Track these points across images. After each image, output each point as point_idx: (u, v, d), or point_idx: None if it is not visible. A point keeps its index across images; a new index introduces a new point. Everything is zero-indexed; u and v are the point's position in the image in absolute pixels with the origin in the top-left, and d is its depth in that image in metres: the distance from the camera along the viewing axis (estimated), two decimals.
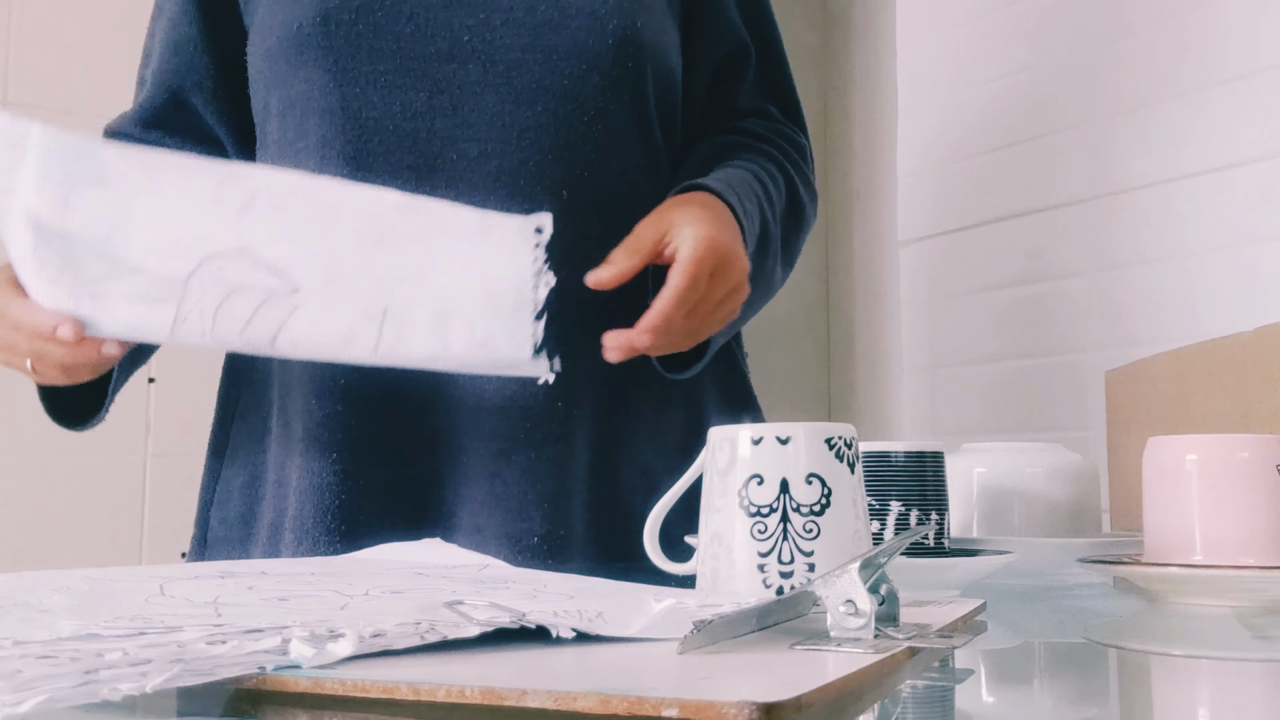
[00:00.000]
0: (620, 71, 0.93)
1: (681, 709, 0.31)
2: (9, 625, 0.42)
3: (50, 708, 0.31)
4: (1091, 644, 0.57)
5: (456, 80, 0.91)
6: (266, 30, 0.94)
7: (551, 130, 0.91)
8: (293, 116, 0.94)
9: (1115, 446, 1.17)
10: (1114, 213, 1.51)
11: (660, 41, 0.97)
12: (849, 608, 0.43)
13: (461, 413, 0.90)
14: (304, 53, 0.92)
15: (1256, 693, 0.46)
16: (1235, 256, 1.37)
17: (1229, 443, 0.65)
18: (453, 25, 0.91)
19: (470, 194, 0.89)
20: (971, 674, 0.47)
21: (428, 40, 0.91)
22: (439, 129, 0.91)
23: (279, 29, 0.93)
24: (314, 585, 0.54)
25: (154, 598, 0.49)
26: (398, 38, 0.91)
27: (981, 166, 1.72)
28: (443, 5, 0.91)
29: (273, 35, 0.94)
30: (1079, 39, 1.58)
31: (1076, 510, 0.85)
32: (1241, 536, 0.62)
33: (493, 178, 0.90)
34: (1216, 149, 1.39)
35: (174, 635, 0.39)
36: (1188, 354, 1.06)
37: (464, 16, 0.91)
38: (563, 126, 0.91)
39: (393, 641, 0.39)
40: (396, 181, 0.89)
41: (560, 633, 0.41)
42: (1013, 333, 1.66)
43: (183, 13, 1.00)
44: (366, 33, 0.91)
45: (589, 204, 0.91)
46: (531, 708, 0.33)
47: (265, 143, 0.97)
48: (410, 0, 0.91)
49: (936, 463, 0.70)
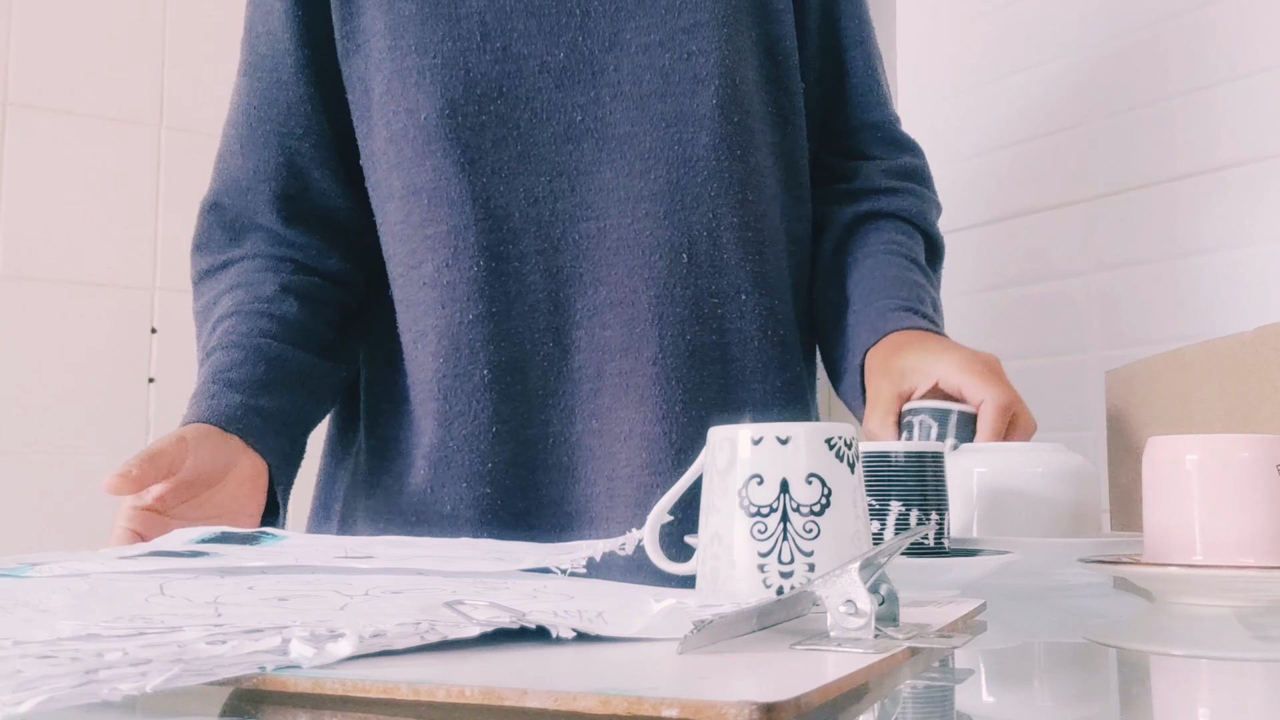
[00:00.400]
0: (728, 128, 0.95)
1: (681, 709, 0.31)
2: (9, 625, 0.42)
3: (50, 708, 0.31)
4: (1091, 644, 0.57)
5: (573, 160, 0.94)
6: (390, 114, 0.96)
7: (666, 197, 0.94)
8: (419, 203, 0.96)
9: (1115, 446, 1.17)
10: (1114, 213, 1.51)
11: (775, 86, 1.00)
12: (849, 608, 0.43)
13: (599, 483, 0.94)
14: (430, 142, 0.94)
15: (1256, 693, 0.46)
16: (1235, 256, 1.37)
17: (1229, 443, 0.65)
18: (566, 106, 0.94)
19: (595, 270, 0.94)
20: (971, 674, 0.47)
21: (544, 124, 0.95)
22: (560, 210, 0.94)
23: (404, 115, 0.95)
24: (313, 585, 0.54)
25: (154, 597, 0.49)
26: (518, 124, 0.94)
27: (981, 166, 1.72)
28: (556, 87, 0.94)
29: (397, 121, 0.96)
30: (1079, 39, 1.58)
31: (1076, 510, 0.85)
32: (1241, 536, 0.62)
33: (613, 251, 0.94)
34: (1216, 149, 1.39)
35: (174, 635, 0.39)
36: (1188, 354, 1.06)
37: (576, 96, 0.94)
38: (676, 191, 0.94)
39: (393, 641, 0.39)
40: (528, 266, 0.94)
41: (560, 633, 0.41)
42: (1013, 333, 1.66)
43: (294, 73, 1.00)
44: (490, 122, 0.94)
45: (709, 263, 0.95)
46: (531, 708, 0.33)
47: (387, 224, 0.99)
48: (527, 85, 0.94)
49: (936, 463, 0.70)
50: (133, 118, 1.65)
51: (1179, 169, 1.43)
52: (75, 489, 1.56)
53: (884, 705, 0.39)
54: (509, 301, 0.94)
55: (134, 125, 1.65)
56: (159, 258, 1.65)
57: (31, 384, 1.55)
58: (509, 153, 0.94)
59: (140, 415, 1.61)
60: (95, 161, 1.62)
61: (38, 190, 1.58)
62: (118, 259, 1.62)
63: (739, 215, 0.96)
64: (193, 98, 1.70)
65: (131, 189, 1.64)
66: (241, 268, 1.00)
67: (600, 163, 0.94)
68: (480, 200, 0.94)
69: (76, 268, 1.59)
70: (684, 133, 0.94)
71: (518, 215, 0.94)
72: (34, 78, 1.59)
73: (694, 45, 0.94)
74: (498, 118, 0.94)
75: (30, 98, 1.58)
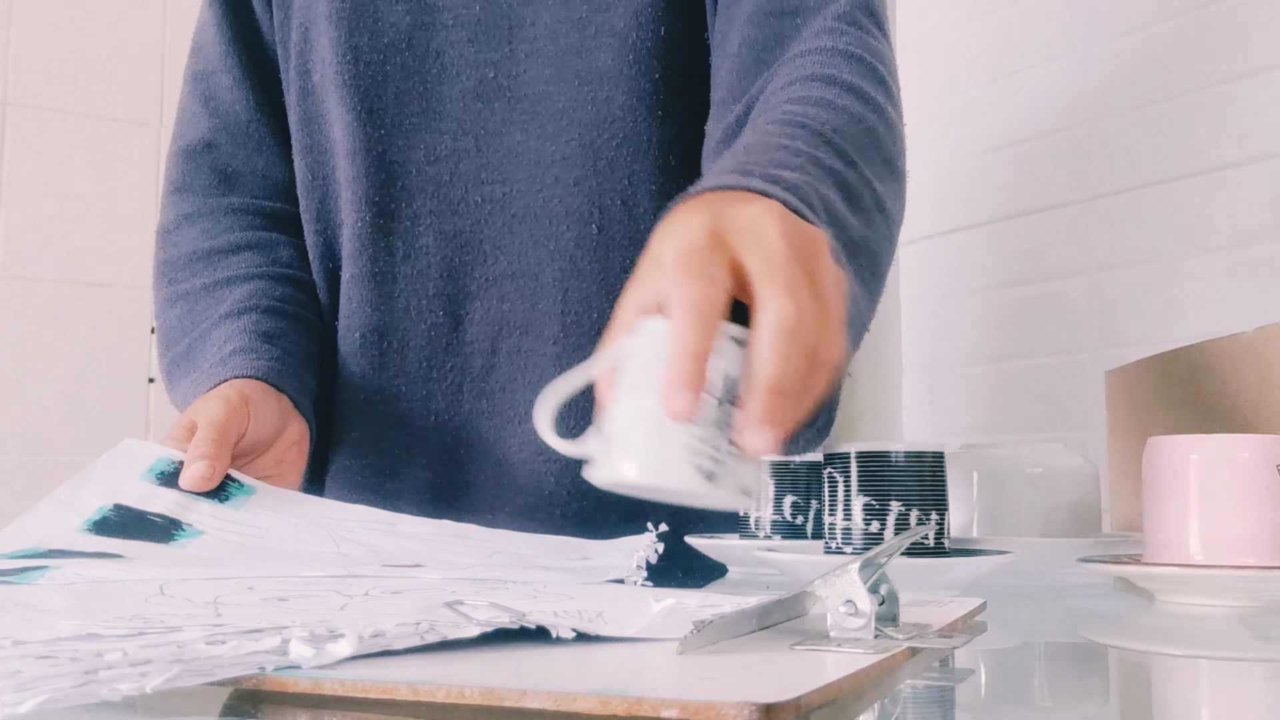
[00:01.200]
0: (645, 85, 0.87)
1: (681, 710, 0.31)
2: (9, 625, 0.42)
3: (50, 708, 0.31)
4: (1091, 644, 0.57)
5: (482, 120, 0.88)
6: (301, 67, 0.93)
7: (578, 162, 0.87)
8: (322, 156, 0.92)
9: (1115, 446, 1.17)
10: (1114, 213, 1.51)
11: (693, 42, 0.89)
12: (849, 608, 0.43)
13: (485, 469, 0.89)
14: (333, 91, 0.90)
15: (1256, 693, 0.46)
16: (1235, 256, 1.37)
17: (1229, 443, 0.65)
18: (479, 62, 0.88)
19: (497, 237, 0.87)
20: (971, 674, 0.47)
21: (454, 80, 0.89)
22: (462, 171, 0.88)
23: (315, 66, 0.91)
24: (312, 585, 0.54)
25: (154, 598, 0.50)
26: (425, 78, 0.89)
27: (981, 166, 1.72)
28: (469, 41, 0.88)
29: (307, 74, 0.92)
30: (1079, 39, 1.58)
31: (1076, 510, 0.85)
32: (1241, 536, 0.62)
33: (517, 219, 0.88)
34: (1217, 148, 1.39)
35: (174, 635, 0.39)
36: (1188, 354, 1.06)
37: (490, 52, 0.88)
38: (589, 155, 0.87)
39: (392, 642, 0.39)
40: (420, 226, 0.87)
41: (560, 633, 0.41)
42: (1013, 333, 1.66)
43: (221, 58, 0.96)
44: (395, 74, 0.89)
45: (623, 235, 0.87)
46: (531, 708, 0.33)
47: (300, 181, 0.95)
48: (439, 37, 0.89)
49: (936, 463, 0.70)
50: (133, 118, 1.65)
51: (1179, 169, 1.43)
52: None
53: (884, 705, 0.39)
54: (394, 262, 0.88)
55: (134, 125, 1.65)
56: None
57: (31, 384, 1.55)
58: (412, 107, 0.88)
59: (140, 415, 1.61)
60: (95, 161, 1.62)
61: (38, 190, 1.58)
62: (118, 259, 1.62)
63: (657, 184, 0.87)
64: None
65: (131, 189, 1.64)
66: (249, 222, 0.95)
67: (511, 123, 0.87)
68: (374, 153, 0.88)
69: (76, 268, 1.59)
70: (598, 91, 0.86)
71: (414, 172, 0.88)
72: (34, 78, 1.59)
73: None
74: (403, 69, 0.88)
75: (30, 98, 1.58)
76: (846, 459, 0.70)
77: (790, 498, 0.86)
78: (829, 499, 0.71)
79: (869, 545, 0.68)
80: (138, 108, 1.65)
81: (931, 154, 1.78)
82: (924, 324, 1.84)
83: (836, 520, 0.70)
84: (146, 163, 1.65)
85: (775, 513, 0.86)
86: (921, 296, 1.85)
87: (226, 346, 0.85)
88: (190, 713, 0.36)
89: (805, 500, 0.86)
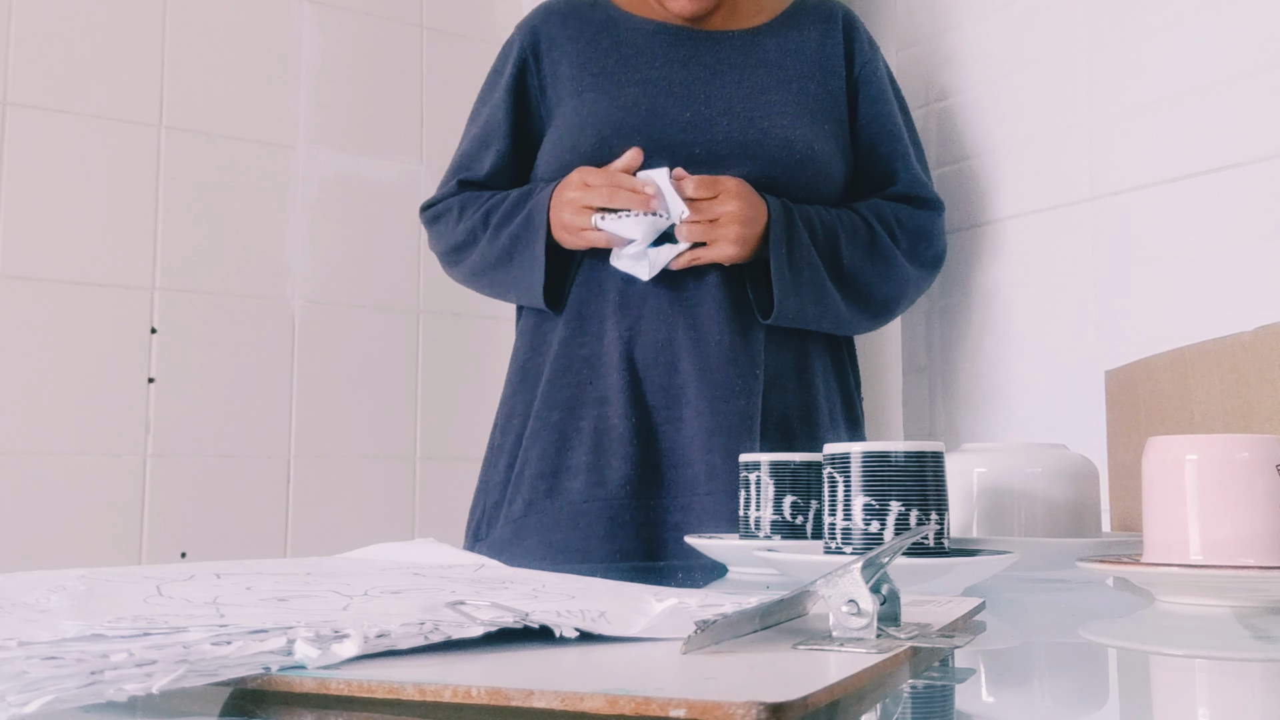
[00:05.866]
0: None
1: (689, 709, 0.31)
2: (12, 626, 0.42)
3: (56, 708, 0.31)
4: (1091, 644, 0.57)
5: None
6: (558, 147, 1.37)
7: None
8: None
9: (1115, 446, 1.17)
10: (1114, 213, 1.52)
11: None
12: (851, 607, 0.43)
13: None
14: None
15: (1256, 693, 0.46)
16: (1235, 256, 1.37)
17: (1229, 443, 0.65)
18: (689, 144, 1.33)
19: None
20: (972, 674, 0.47)
21: (665, 157, 1.31)
22: None
23: (568, 150, 1.34)
24: (311, 585, 0.54)
25: (153, 598, 0.50)
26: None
27: (981, 167, 1.72)
28: (680, 130, 1.34)
29: (564, 152, 1.35)
30: (1079, 39, 1.58)
31: (1076, 510, 0.85)
32: (1241, 536, 0.63)
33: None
34: (1217, 149, 1.40)
35: (179, 636, 0.39)
36: (1188, 354, 1.06)
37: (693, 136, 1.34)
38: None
39: (397, 642, 0.39)
40: None
41: (564, 632, 0.42)
42: (1013, 333, 1.66)
43: (498, 108, 1.43)
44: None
45: None
46: (538, 708, 0.33)
47: None
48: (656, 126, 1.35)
49: (936, 463, 0.70)
50: (133, 118, 1.65)
51: (1179, 169, 1.43)
52: (75, 489, 1.56)
53: (885, 705, 0.39)
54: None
55: (134, 125, 1.65)
56: (159, 258, 1.65)
57: (31, 384, 1.55)
58: None
59: (140, 415, 1.61)
60: (95, 161, 1.62)
61: (38, 190, 1.58)
62: (118, 259, 1.62)
63: None
64: (193, 98, 1.70)
65: (131, 189, 1.64)
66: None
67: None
68: None
69: (76, 268, 1.59)
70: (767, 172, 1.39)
71: None
72: (34, 78, 1.59)
73: None
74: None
75: (30, 98, 1.58)
76: (846, 459, 0.70)
77: (790, 498, 0.86)
78: (829, 499, 0.71)
79: (869, 545, 0.68)
80: (138, 108, 1.65)
81: (931, 154, 1.78)
82: (922, 324, 1.84)
83: (836, 520, 0.70)
84: (146, 163, 1.65)
85: (775, 513, 0.86)
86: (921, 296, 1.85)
87: None
88: (195, 713, 0.36)
89: (805, 500, 0.86)
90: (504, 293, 1.41)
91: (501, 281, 1.38)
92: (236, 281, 1.71)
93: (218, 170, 1.70)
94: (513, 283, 1.36)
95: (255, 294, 1.72)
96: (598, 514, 1.25)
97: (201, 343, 1.67)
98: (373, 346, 1.82)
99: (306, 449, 1.74)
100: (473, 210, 1.39)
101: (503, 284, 1.38)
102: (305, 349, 1.76)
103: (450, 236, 1.41)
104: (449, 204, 1.43)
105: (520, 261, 1.33)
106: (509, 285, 1.37)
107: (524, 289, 1.34)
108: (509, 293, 1.40)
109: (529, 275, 1.31)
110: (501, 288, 1.40)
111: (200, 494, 1.65)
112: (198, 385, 1.66)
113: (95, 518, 1.58)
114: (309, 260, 1.77)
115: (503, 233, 1.34)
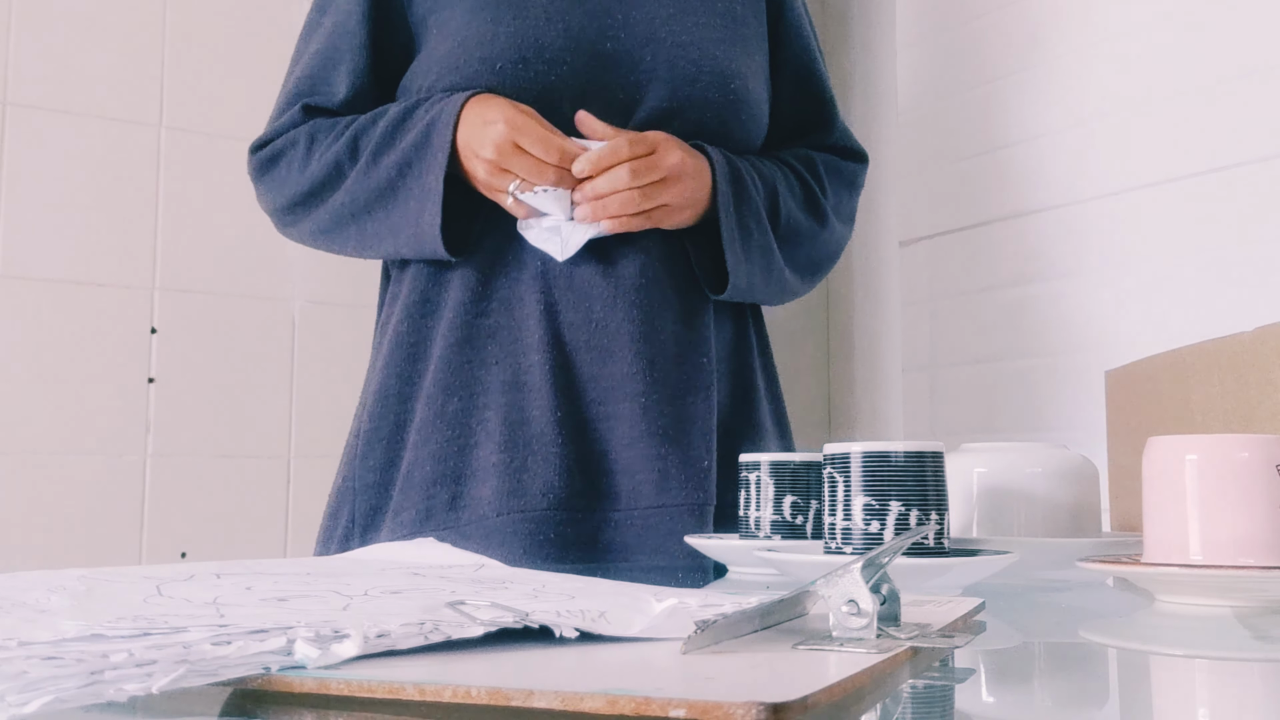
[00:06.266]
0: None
1: (690, 709, 0.31)
2: (11, 625, 0.42)
3: (56, 708, 0.31)
4: (1091, 644, 0.57)
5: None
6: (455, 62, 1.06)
7: None
8: None
9: (1115, 446, 1.17)
10: (1113, 212, 1.52)
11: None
12: (851, 607, 0.43)
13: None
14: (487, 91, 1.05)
15: (1256, 693, 0.46)
16: (1234, 256, 1.37)
17: (1229, 443, 0.65)
18: (610, 86, 1.08)
19: None
20: (972, 674, 0.47)
21: (585, 100, 1.06)
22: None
23: (475, 64, 1.05)
24: (310, 585, 0.54)
25: (152, 598, 0.50)
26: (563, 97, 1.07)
27: (980, 167, 1.72)
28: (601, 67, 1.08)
29: (468, 68, 1.06)
30: (1078, 39, 1.58)
31: (1076, 510, 0.85)
32: (1241, 536, 0.63)
33: None
34: (1217, 149, 1.40)
35: (179, 636, 0.39)
36: (1188, 354, 1.06)
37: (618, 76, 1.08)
38: None
39: (397, 642, 0.39)
40: None
41: (564, 632, 0.42)
42: (1012, 333, 1.66)
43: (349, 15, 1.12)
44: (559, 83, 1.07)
45: None
46: (538, 708, 0.33)
47: None
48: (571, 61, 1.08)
49: (936, 463, 0.70)
50: (133, 118, 1.65)
51: (1179, 169, 1.43)
52: (75, 489, 1.56)
53: (886, 705, 0.39)
54: None
55: (134, 125, 1.65)
56: (159, 258, 1.65)
57: (31, 384, 1.55)
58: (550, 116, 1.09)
59: (140, 415, 1.62)
60: (95, 161, 1.62)
61: (38, 190, 1.58)
62: (118, 259, 1.62)
63: None
64: (193, 98, 1.70)
65: (131, 189, 1.64)
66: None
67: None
68: None
69: (76, 268, 1.59)
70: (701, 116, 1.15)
71: None
72: (34, 78, 1.59)
73: None
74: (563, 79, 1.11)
75: (30, 98, 1.58)
76: (846, 459, 0.70)
77: (790, 498, 0.86)
78: (829, 499, 0.71)
79: (869, 545, 0.68)
80: (138, 108, 1.65)
81: (931, 154, 1.78)
82: (922, 324, 1.84)
83: (836, 520, 0.70)
84: (146, 163, 1.65)
85: (775, 513, 0.86)
86: (919, 297, 1.85)
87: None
88: (195, 713, 0.36)
89: (805, 500, 0.86)
90: (379, 242, 1.08)
91: (379, 227, 1.07)
92: (236, 281, 1.71)
93: (218, 170, 1.70)
94: (398, 225, 1.05)
95: (255, 294, 1.72)
96: (513, 530, 1.00)
97: (201, 343, 1.67)
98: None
99: (306, 449, 1.74)
100: (328, 139, 1.08)
101: (380, 231, 1.07)
102: (305, 349, 1.76)
103: (299, 179, 1.09)
104: (292, 136, 1.11)
105: (410, 195, 1.03)
106: (390, 231, 1.06)
107: (412, 233, 1.04)
108: (387, 241, 1.08)
109: (421, 213, 1.02)
110: (376, 237, 1.08)
111: (200, 494, 1.65)
112: (198, 385, 1.66)
113: (95, 518, 1.58)
114: (309, 260, 1.77)
115: (381, 161, 1.04)
